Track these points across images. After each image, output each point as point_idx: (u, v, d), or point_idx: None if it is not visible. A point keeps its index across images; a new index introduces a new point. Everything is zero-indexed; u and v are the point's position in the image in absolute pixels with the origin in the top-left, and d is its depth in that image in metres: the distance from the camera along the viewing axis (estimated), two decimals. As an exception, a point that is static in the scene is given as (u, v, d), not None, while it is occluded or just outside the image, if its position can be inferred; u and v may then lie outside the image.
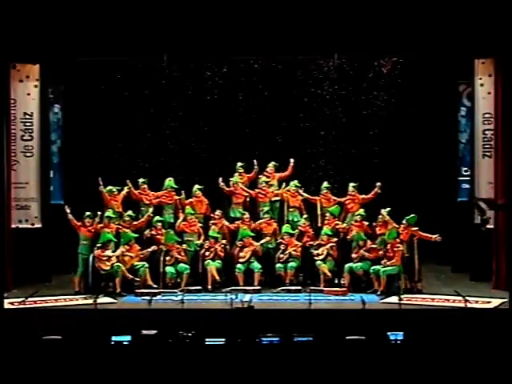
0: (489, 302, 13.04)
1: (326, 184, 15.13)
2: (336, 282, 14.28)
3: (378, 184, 14.87)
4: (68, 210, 14.25)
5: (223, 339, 8.50)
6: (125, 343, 8.64)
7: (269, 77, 16.15)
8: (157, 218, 14.75)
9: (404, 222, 14.12)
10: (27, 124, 14.89)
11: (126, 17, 13.78)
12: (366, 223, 14.47)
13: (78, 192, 15.43)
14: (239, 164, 15.32)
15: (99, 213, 14.32)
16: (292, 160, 15.33)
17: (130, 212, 14.62)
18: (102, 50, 14.30)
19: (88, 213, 14.25)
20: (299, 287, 14.03)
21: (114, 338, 8.67)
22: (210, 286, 14.14)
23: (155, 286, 13.97)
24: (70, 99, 16.06)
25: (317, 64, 16.02)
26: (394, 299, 13.31)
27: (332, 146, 16.22)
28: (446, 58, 14.85)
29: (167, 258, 14.18)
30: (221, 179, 15.07)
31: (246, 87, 16.19)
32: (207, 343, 8.48)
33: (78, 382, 7.69)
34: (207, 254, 14.32)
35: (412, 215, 14.11)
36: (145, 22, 13.85)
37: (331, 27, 13.82)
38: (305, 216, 14.91)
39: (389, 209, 14.35)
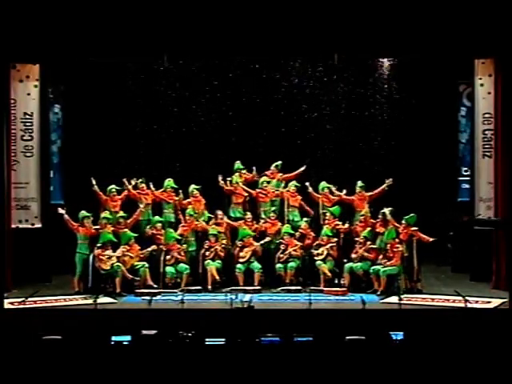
0: (489, 302, 13.03)
1: (323, 184, 15.11)
2: (336, 281, 14.28)
3: (389, 180, 14.84)
4: (63, 211, 14.19)
5: (223, 339, 8.50)
6: (125, 343, 8.64)
7: (270, 76, 16.14)
8: (157, 218, 14.75)
9: (403, 221, 14.13)
10: (27, 124, 14.87)
11: (126, 17, 13.75)
12: (372, 221, 14.51)
13: (77, 192, 15.42)
14: (238, 163, 15.29)
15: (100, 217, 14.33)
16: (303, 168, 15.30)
17: (121, 213, 14.58)
18: (102, 50, 14.26)
19: (86, 213, 14.23)
20: (299, 287, 14.03)
21: (113, 338, 8.67)
22: (209, 286, 14.13)
23: (155, 285, 13.97)
24: (70, 99, 16.09)
25: (317, 64, 16.01)
26: (394, 299, 13.30)
27: (332, 146, 16.21)
28: (446, 57, 14.84)
29: (167, 258, 14.18)
30: (220, 177, 15.07)
31: (247, 86, 16.17)
32: (207, 343, 8.47)
33: (78, 382, 7.69)
34: (207, 253, 14.32)
35: (411, 215, 14.11)
36: (145, 22, 13.84)
37: (331, 27, 13.80)
38: (305, 219, 14.90)
39: (391, 208, 14.35)
